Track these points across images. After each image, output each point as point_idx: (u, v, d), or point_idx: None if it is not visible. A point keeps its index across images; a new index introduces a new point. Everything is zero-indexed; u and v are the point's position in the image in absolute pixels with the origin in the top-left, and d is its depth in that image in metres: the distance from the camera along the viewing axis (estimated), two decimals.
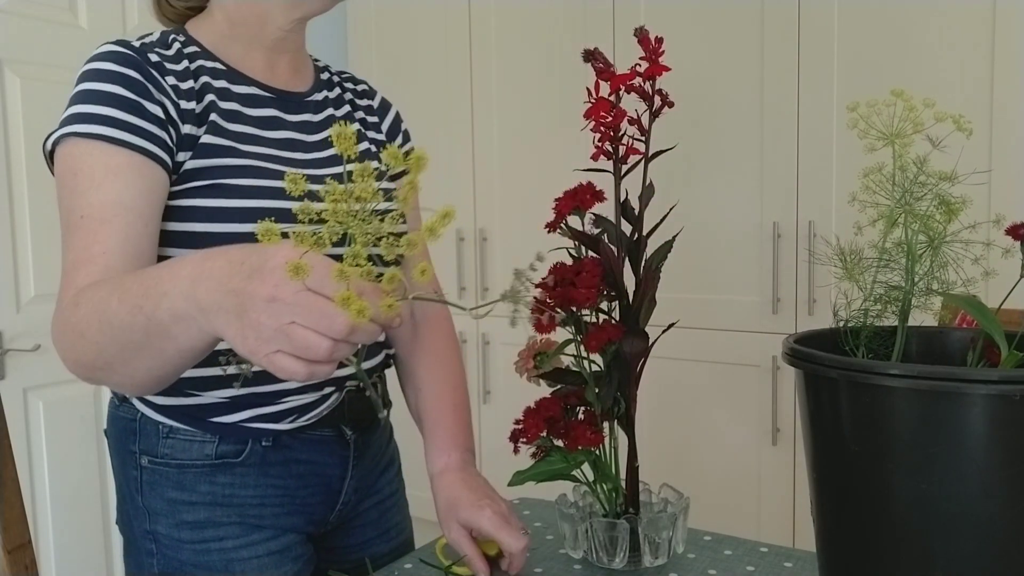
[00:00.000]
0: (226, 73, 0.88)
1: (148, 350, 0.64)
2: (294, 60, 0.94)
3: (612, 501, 0.90)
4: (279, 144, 0.88)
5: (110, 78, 0.78)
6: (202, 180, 0.80)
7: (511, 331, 2.39)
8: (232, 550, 0.87)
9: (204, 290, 0.57)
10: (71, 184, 0.76)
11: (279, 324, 0.52)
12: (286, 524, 0.92)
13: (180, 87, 0.82)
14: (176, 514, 0.87)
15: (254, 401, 0.88)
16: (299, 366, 0.53)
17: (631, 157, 0.82)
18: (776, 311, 2.00)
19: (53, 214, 2.00)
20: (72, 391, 2.06)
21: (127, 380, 0.70)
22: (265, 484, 0.90)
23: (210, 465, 0.88)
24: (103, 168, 0.75)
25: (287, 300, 0.51)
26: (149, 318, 0.61)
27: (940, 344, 0.72)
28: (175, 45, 0.86)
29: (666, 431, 2.19)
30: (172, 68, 0.82)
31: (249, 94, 0.88)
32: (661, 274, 0.85)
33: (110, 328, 0.65)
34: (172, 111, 0.80)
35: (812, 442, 0.64)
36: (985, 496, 0.54)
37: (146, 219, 0.76)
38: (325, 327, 0.51)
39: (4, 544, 0.94)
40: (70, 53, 2.04)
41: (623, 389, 0.85)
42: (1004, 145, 1.70)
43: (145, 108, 0.78)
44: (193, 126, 0.82)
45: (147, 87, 0.79)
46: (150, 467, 0.88)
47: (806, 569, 0.88)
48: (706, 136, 2.08)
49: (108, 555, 2.16)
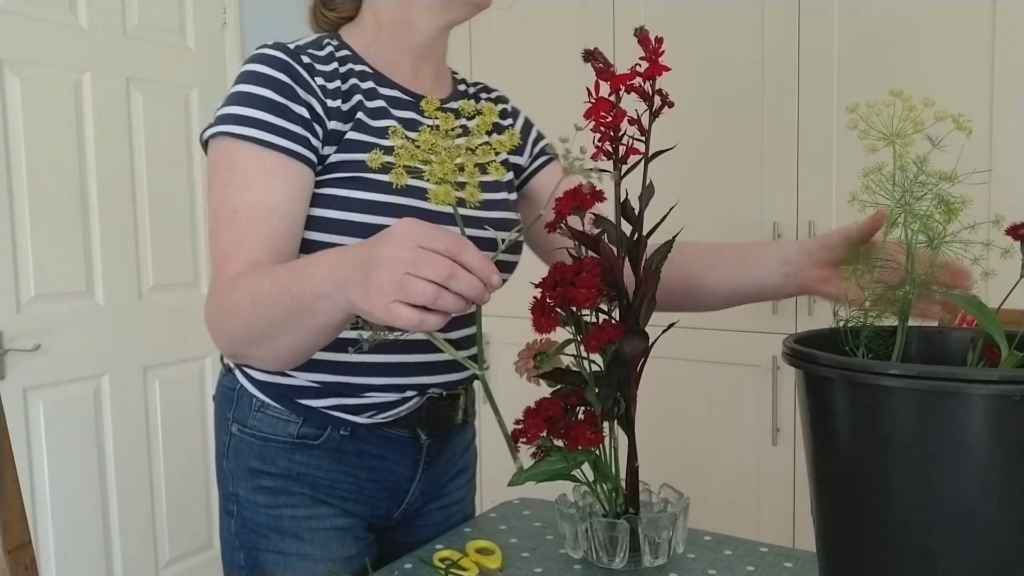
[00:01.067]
0: (373, 76, 0.94)
1: (290, 326, 0.75)
2: (437, 68, 1.01)
3: (612, 501, 0.90)
4: None
5: (261, 81, 0.86)
6: (344, 172, 0.87)
7: (511, 331, 2.38)
8: (303, 519, 0.94)
9: (341, 268, 0.67)
10: (226, 178, 0.85)
11: (395, 276, 0.61)
12: (352, 509, 0.97)
13: (328, 87, 0.88)
14: (255, 479, 0.95)
15: (339, 391, 0.93)
16: (412, 314, 0.62)
17: (631, 157, 0.82)
18: (776, 311, 2.00)
19: (53, 214, 2.00)
20: (72, 391, 2.06)
21: (270, 354, 0.80)
22: (337, 470, 0.95)
23: (291, 443, 0.95)
24: (256, 169, 0.84)
25: (401, 256, 0.62)
26: (294, 297, 0.72)
27: (940, 344, 0.72)
28: (328, 48, 0.92)
29: (666, 431, 2.18)
30: (322, 69, 0.89)
31: (393, 96, 0.95)
32: (661, 274, 0.85)
33: (260, 307, 0.75)
34: (319, 109, 0.87)
35: (812, 442, 0.64)
36: (985, 496, 0.54)
37: (288, 220, 0.85)
38: (431, 273, 0.61)
39: (4, 544, 0.94)
40: (70, 53, 2.04)
41: (623, 389, 0.85)
42: (1004, 145, 1.70)
43: (291, 110, 0.85)
44: (339, 123, 0.88)
45: (295, 89, 0.86)
46: (238, 435, 0.96)
47: (806, 569, 0.88)
48: (706, 136, 2.07)
49: (108, 555, 2.16)
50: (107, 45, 2.12)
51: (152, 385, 2.27)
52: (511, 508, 1.11)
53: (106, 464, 2.15)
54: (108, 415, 2.16)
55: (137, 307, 2.21)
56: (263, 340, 0.78)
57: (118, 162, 2.16)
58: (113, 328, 2.15)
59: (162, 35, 2.26)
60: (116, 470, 2.17)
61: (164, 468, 2.30)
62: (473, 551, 0.95)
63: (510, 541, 0.99)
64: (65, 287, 2.04)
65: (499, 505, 1.12)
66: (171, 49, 2.28)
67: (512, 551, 0.96)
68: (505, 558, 0.94)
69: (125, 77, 2.16)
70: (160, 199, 2.27)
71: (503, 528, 1.04)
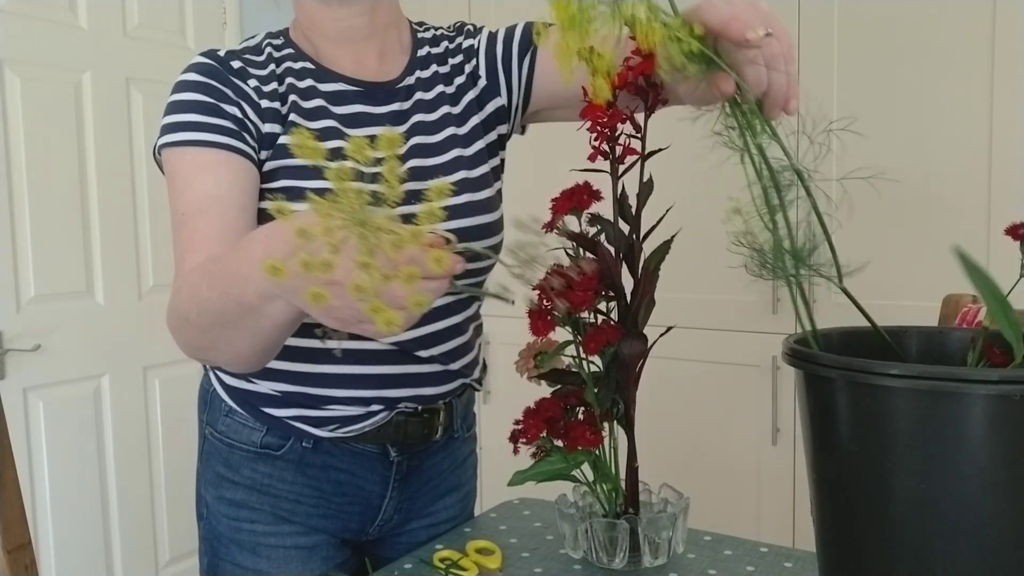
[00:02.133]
0: (314, 72, 0.89)
1: (245, 329, 0.67)
2: (380, 47, 0.92)
3: (612, 501, 0.89)
4: None
5: (190, 87, 0.84)
6: (275, 181, 0.84)
7: (511, 331, 2.38)
8: (261, 535, 0.92)
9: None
10: (171, 188, 0.83)
11: (344, 302, 0.53)
12: (319, 525, 0.94)
13: (263, 88, 0.85)
14: (220, 488, 0.93)
15: (301, 401, 0.89)
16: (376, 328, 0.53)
17: (628, 157, 0.82)
18: (776, 311, 2.00)
19: (52, 214, 2.00)
20: (72, 391, 2.06)
21: (233, 358, 0.74)
22: (301, 483, 0.92)
23: (254, 452, 0.92)
24: (192, 168, 0.81)
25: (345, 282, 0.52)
26: (238, 302, 0.64)
27: (940, 344, 0.72)
28: (267, 50, 0.90)
29: (666, 431, 2.18)
30: (256, 73, 0.86)
31: (336, 91, 0.89)
32: (660, 274, 0.85)
33: (207, 313, 0.69)
34: (250, 111, 0.84)
35: (812, 442, 0.64)
36: (985, 496, 0.54)
37: (240, 206, 0.80)
38: (396, 304, 0.52)
39: (4, 544, 0.94)
40: (70, 53, 2.03)
41: (622, 390, 0.85)
42: (1004, 145, 1.70)
43: (223, 109, 0.83)
44: (274, 124, 0.85)
45: (224, 91, 0.84)
46: (210, 439, 0.95)
47: (806, 569, 0.88)
48: (705, 135, 2.07)
49: (108, 555, 2.16)
50: (107, 45, 2.12)
51: (152, 385, 2.27)
52: (511, 508, 1.11)
53: (106, 464, 2.15)
54: (108, 415, 2.15)
55: (137, 307, 2.21)
56: (219, 345, 0.72)
57: (118, 162, 2.16)
58: (113, 328, 2.15)
59: (162, 35, 2.26)
60: (116, 470, 2.17)
61: (164, 468, 2.30)
62: (473, 551, 0.95)
63: (510, 541, 0.99)
64: (65, 287, 2.04)
65: (499, 505, 1.12)
66: (171, 49, 2.28)
67: (512, 551, 0.96)
68: (505, 558, 0.94)
69: (125, 77, 2.16)
70: (160, 199, 2.26)
71: (503, 528, 1.03)
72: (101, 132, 2.10)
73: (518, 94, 0.97)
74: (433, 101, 0.93)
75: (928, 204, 1.77)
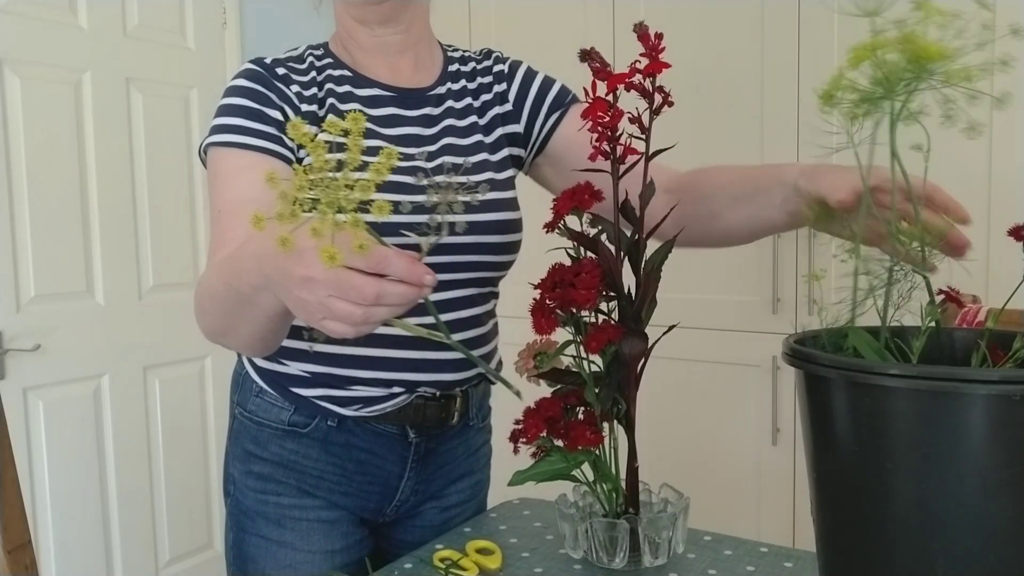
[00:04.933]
0: (351, 79, 0.97)
1: (244, 317, 0.76)
2: (415, 57, 1.01)
3: (612, 501, 0.89)
4: (396, 140, 0.94)
5: (238, 92, 0.92)
6: None
7: (511, 331, 2.38)
8: (287, 507, 0.97)
9: (266, 265, 0.65)
10: (212, 185, 0.90)
11: (317, 298, 0.59)
12: (340, 501, 0.99)
13: (304, 93, 0.93)
14: (249, 463, 0.99)
15: (328, 382, 0.96)
16: (344, 328, 0.60)
17: (629, 157, 0.82)
18: (776, 311, 2.00)
19: (53, 214, 2.00)
20: (72, 391, 2.06)
21: (239, 343, 0.83)
22: (325, 460, 0.97)
23: (282, 430, 0.98)
24: (233, 169, 0.89)
25: (320, 279, 0.59)
26: (237, 292, 0.72)
27: (940, 344, 0.72)
28: (309, 58, 0.98)
29: (666, 431, 2.18)
30: (298, 79, 0.94)
31: (371, 96, 0.97)
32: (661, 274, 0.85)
33: (215, 301, 0.78)
34: (292, 115, 0.91)
35: (812, 442, 0.64)
36: (985, 496, 0.54)
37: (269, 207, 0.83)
38: (356, 296, 0.58)
39: (4, 544, 0.94)
40: (70, 53, 2.04)
41: (623, 390, 0.85)
42: (1004, 145, 1.70)
43: (266, 114, 0.91)
44: (313, 127, 0.87)
45: (268, 96, 0.91)
46: (240, 418, 1.01)
47: (806, 569, 0.88)
48: (706, 135, 2.07)
49: (108, 555, 2.16)
50: (107, 45, 2.12)
51: (152, 385, 2.27)
52: (511, 508, 1.11)
53: (106, 464, 2.15)
54: (108, 415, 2.16)
55: (137, 307, 2.21)
56: (227, 331, 0.81)
57: (118, 162, 2.16)
58: (113, 328, 2.15)
59: (162, 35, 2.26)
60: (116, 470, 2.17)
61: (164, 468, 2.30)
62: (473, 551, 0.95)
63: (510, 541, 0.99)
64: (65, 287, 2.04)
65: (499, 505, 1.12)
66: (171, 49, 2.28)
67: (512, 551, 0.96)
68: (505, 558, 0.94)
69: (125, 77, 2.16)
70: (160, 199, 2.27)
71: (503, 528, 1.04)
72: (101, 132, 2.10)
73: (535, 138, 1.06)
74: (462, 111, 1.01)
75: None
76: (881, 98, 0.59)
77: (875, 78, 0.60)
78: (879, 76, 0.59)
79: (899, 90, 0.59)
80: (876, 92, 0.60)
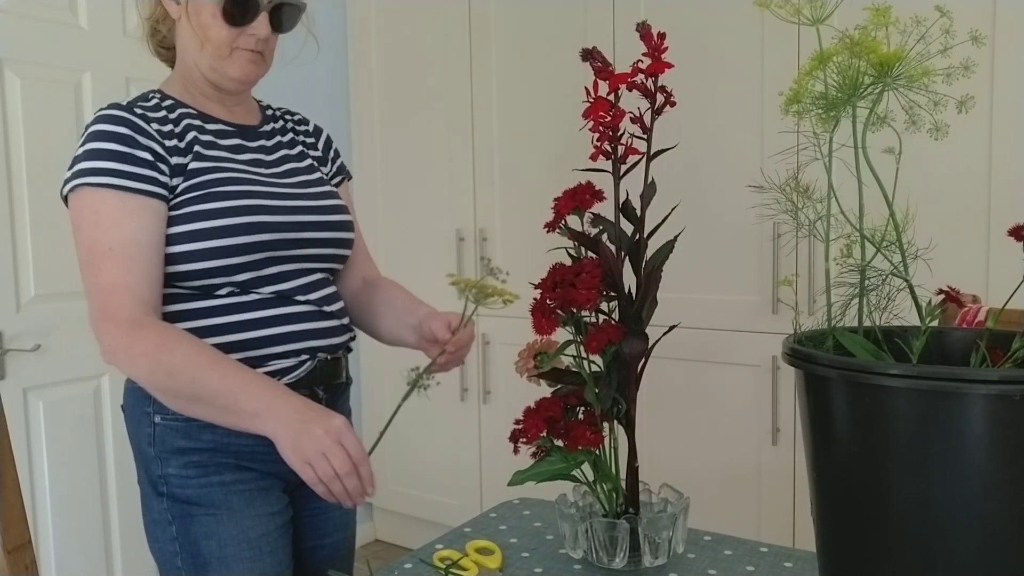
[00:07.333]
0: (198, 116, 1.11)
1: (217, 414, 0.94)
2: (245, 103, 1.19)
3: (612, 501, 0.89)
4: (248, 163, 1.11)
5: (105, 137, 1.00)
6: (198, 190, 1.03)
7: (511, 331, 2.39)
8: (231, 483, 1.07)
9: (283, 409, 0.90)
10: (94, 220, 0.99)
11: (316, 449, 0.87)
12: (272, 470, 1.09)
13: (163, 130, 1.04)
14: (185, 456, 1.06)
15: (248, 363, 1.04)
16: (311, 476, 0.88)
17: (630, 157, 0.82)
18: (776, 311, 2.00)
19: (53, 214, 2.00)
20: (72, 391, 2.06)
21: (178, 409, 0.99)
22: (253, 436, 1.02)
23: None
24: (120, 210, 0.99)
25: (326, 443, 0.88)
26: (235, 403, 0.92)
27: (940, 344, 0.72)
28: (154, 100, 1.09)
29: (666, 431, 2.18)
30: (154, 116, 1.05)
31: (218, 129, 1.12)
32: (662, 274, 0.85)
33: (198, 387, 0.93)
34: (159, 149, 1.02)
35: (812, 442, 0.64)
36: (985, 496, 0.54)
37: (159, 254, 1.01)
38: (338, 464, 0.88)
39: (4, 544, 0.94)
40: (70, 53, 2.04)
41: (623, 390, 0.85)
42: (1004, 145, 1.70)
43: (136, 156, 1.00)
44: (180, 157, 1.04)
45: (135, 138, 1.01)
46: (161, 424, 1.07)
47: (806, 569, 0.88)
48: (706, 135, 2.07)
49: (108, 555, 2.16)
50: (107, 45, 2.12)
51: None
52: (511, 508, 1.11)
53: (106, 464, 2.15)
54: (108, 415, 2.15)
55: None
56: (180, 403, 0.96)
57: None
58: None
59: None
60: (116, 470, 2.17)
61: None
62: (473, 551, 0.95)
63: (510, 541, 0.99)
64: (65, 287, 2.04)
65: (499, 505, 1.12)
66: None
67: (512, 551, 0.96)
68: (505, 558, 0.94)
69: (125, 77, 2.16)
70: None
71: (503, 528, 1.04)
72: None
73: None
74: (289, 142, 1.22)
75: (928, 204, 1.77)
76: (845, 102, 0.60)
77: (838, 83, 0.61)
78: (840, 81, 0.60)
79: (861, 93, 0.60)
80: (841, 96, 0.61)
